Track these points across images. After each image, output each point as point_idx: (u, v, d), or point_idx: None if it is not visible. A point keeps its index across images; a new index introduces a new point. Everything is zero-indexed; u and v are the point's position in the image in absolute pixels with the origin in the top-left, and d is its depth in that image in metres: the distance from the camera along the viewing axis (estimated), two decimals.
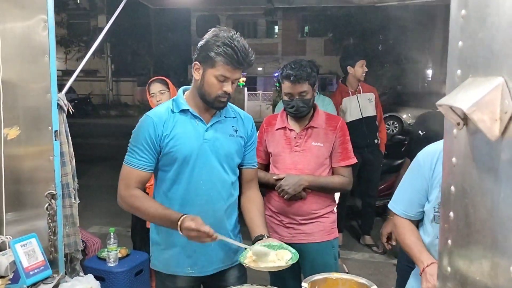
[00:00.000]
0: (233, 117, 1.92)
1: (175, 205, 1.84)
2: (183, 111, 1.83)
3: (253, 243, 1.77)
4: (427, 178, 1.66)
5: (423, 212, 1.73)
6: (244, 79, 24.99)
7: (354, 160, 2.33)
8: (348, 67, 4.28)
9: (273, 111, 19.14)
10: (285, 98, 2.29)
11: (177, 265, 1.90)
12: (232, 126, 1.90)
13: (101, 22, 20.27)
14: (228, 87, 1.77)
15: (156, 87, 3.27)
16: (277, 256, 1.66)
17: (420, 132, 2.51)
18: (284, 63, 2.32)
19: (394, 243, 2.80)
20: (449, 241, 0.74)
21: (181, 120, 1.83)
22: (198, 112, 1.85)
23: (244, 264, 1.65)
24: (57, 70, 1.99)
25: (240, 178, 1.99)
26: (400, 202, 1.77)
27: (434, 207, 1.65)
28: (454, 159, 0.72)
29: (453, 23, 0.75)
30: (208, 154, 1.84)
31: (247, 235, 1.93)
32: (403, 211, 1.75)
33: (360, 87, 4.35)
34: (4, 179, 1.93)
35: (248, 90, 23.46)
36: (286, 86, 2.26)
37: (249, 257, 1.66)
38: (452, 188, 0.73)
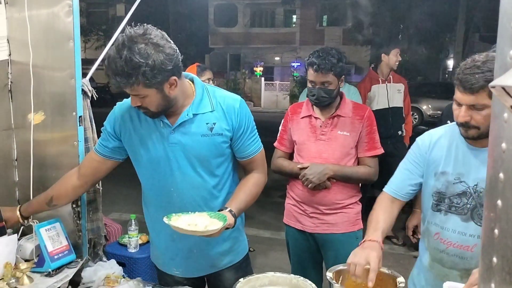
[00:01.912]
0: (211, 111, 1.65)
1: (151, 208, 1.80)
2: None
3: None
4: (422, 161, 1.69)
5: (412, 194, 1.75)
6: (261, 68, 24.90)
7: (381, 151, 2.29)
8: (383, 55, 4.22)
9: (290, 102, 19.05)
10: (309, 85, 2.26)
11: (164, 264, 1.87)
12: (207, 124, 1.64)
13: (120, 11, 20.38)
14: (132, 100, 1.58)
15: (207, 75, 3.00)
16: (210, 224, 1.51)
17: (448, 122, 2.44)
18: (302, 53, 2.30)
19: (419, 237, 2.76)
20: (496, 231, 0.71)
21: (146, 119, 1.66)
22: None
23: (165, 220, 1.51)
24: None
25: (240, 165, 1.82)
26: (393, 181, 1.78)
27: (432, 195, 1.67)
28: (504, 145, 0.68)
29: (504, 1, 0.70)
30: (177, 159, 1.65)
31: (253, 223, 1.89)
32: (393, 190, 1.75)
33: (391, 76, 4.28)
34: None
35: (265, 80, 23.39)
36: (310, 73, 2.23)
37: (175, 219, 1.53)
38: (501, 175, 0.69)
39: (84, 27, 20.85)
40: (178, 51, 1.57)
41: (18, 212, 1.88)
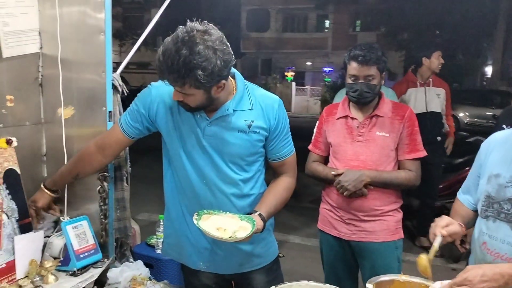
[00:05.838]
0: (250, 109, 1.63)
1: (184, 200, 1.72)
2: None
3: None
4: (481, 166, 1.60)
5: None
6: (292, 73, 24.82)
7: (423, 153, 2.14)
8: (424, 58, 4.09)
9: (321, 107, 18.83)
10: (349, 81, 2.14)
11: (189, 258, 1.79)
12: (245, 120, 1.62)
13: (155, 15, 20.80)
14: (174, 95, 1.53)
15: None
16: (239, 229, 1.50)
17: (504, 126, 2.28)
18: (334, 58, 2.20)
19: (468, 247, 2.58)
20: None
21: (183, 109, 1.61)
22: None
23: (194, 220, 1.50)
24: (112, 62, 1.94)
25: (271, 166, 1.78)
26: (463, 188, 1.75)
27: (482, 200, 1.56)
28: None
29: None
30: (210, 152, 1.63)
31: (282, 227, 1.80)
32: (462, 194, 1.74)
33: (430, 79, 4.14)
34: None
35: (296, 85, 23.31)
36: (352, 67, 2.11)
37: (205, 218, 1.53)
38: None
39: (120, 31, 21.39)
40: (233, 55, 1.51)
41: (46, 190, 1.86)
